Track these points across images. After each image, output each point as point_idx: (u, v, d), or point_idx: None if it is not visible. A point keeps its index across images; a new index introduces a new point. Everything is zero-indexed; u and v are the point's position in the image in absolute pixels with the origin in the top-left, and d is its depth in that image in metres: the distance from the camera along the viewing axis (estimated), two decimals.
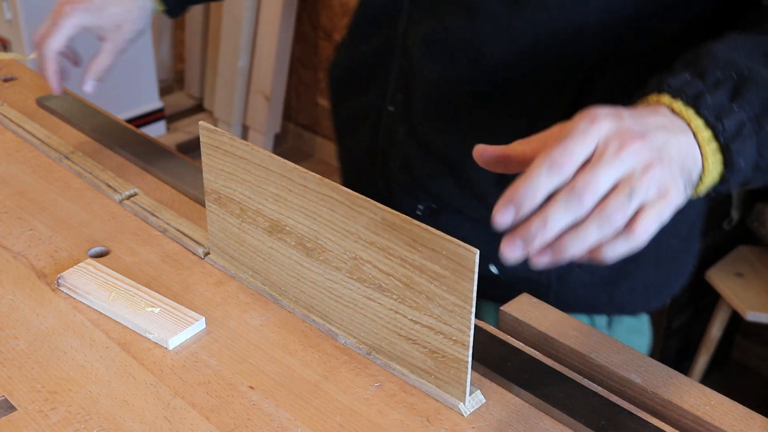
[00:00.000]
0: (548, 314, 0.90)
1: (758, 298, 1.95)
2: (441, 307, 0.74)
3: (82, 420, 0.77)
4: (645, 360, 0.84)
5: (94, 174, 1.11)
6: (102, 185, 1.09)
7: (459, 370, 0.75)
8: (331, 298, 0.84)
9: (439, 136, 0.97)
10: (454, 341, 0.74)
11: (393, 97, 1.00)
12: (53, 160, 1.17)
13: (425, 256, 0.73)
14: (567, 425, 0.77)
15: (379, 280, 0.78)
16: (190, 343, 0.86)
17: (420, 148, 0.99)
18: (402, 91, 0.99)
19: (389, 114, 1.01)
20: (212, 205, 0.93)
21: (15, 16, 2.69)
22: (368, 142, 1.04)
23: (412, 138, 0.99)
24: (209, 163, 0.90)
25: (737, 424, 0.76)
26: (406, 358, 0.80)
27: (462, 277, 0.71)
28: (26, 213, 1.06)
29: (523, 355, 0.84)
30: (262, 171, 0.85)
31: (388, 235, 0.75)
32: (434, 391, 0.78)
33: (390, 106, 1.00)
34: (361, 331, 0.83)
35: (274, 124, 3.38)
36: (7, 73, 1.43)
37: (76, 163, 1.14)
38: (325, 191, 0.79)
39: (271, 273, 0.90)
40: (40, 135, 1.20)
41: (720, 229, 2.06)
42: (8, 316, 0.89)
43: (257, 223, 0.89)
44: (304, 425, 0.77)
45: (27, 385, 0.81)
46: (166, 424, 0.77)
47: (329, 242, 0.82)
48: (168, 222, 1.02)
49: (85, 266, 0.94)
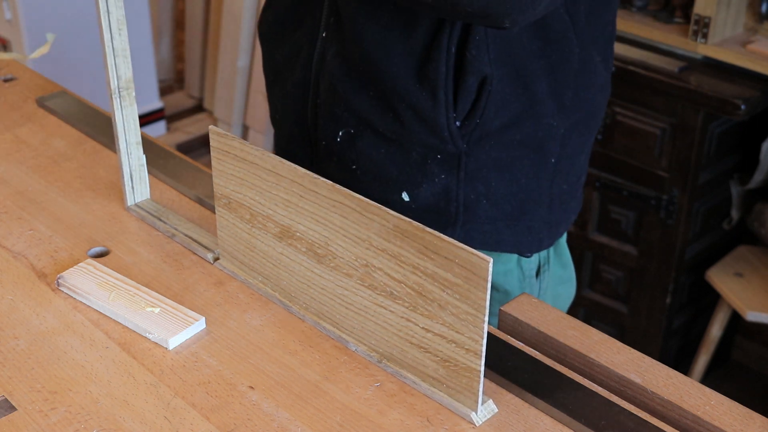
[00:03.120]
0: (548, 314, 0.90)
1: (758, 298, 1.95)
2: (453, 316, 0.73)
3: (82, 420, 0.77)
4: (645, 360, 0.84)
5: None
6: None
7: (471, 379, 0.75)
8: (341, 305, 0.84)
9: (362, 48, 0.99)
10: (466, 350, 0.74)
11: (327, 22, 1.03)
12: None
13: (437, 264, 0.73)
14: (567, 425, 0.77)
15: (390, 287, 0.78)
16: (190, 343, 0.86)
17: (345, 63, 1.02)
18: (335, 15, 1.02)
19: (322, 39, 1.04)
20: (222, 210, 0.93)
21: (15, 16, 2.69)
22: (301, 74, 1.07)
23: (339, 56, 1.02)
24: (219, 168, 0.90)
25: (737, 424, 0.76)
26: (418, 366, 0.79)
27: (475, 286, 0.70)
28: (26, 213, 1.06)
29: (523, 355, 0.84)
30: (273, 176, 0.85)
31: (400, 243, 0.75)
32: (446, 400, 0.78)
33: (324, 32, 1.04)
34: (372, 339, 0.83)
35: None
36: (7, 73, 1.43)
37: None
38: (337, 198, 0.79)
39: (282, 279, 0.90)
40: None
41: (720, 229, 2.06)
42: (8, 316, 0.89)
43: (267, 228, 0.88)
44: (304, 425, 0.77)
45: (27, 385, 0.81)
46: (166, 424, 0.77)
47: (340, 249, 0.81)
48: (176, 227, 1.02)
49: (85, 266, 0.94)
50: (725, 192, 2.03)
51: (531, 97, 0.99)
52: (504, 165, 1.02)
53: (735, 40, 1.87)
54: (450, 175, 1.02)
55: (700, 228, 2.00)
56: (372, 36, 0.98)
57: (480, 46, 0.95)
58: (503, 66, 0.97)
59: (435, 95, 0.97)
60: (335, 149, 1.05)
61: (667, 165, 1.91)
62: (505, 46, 0.96)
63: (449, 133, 0.99)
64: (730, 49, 1.83)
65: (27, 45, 2.70)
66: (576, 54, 1.01)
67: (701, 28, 1.85)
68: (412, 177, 1.03)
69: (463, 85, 0.97)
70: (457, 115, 0.98)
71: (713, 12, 1.82)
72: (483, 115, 0.98)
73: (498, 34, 0.96)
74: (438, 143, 1.00)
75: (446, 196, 1.03)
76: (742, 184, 2.02)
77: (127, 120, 1.02)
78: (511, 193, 1.04)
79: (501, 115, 0.99)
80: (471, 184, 1.03)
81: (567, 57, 1.00)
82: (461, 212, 1.04)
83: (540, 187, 1.06)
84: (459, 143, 0.99)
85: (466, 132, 0.99)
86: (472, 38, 0.95)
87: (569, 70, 1.01)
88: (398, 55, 0.98)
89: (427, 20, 0.96)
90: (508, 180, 1.03)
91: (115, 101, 1.00)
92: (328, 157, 1.07)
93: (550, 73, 1.00)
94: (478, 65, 0.96)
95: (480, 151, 1.01)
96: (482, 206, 1.04)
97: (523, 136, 1.01)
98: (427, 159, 1.01)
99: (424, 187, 1.03)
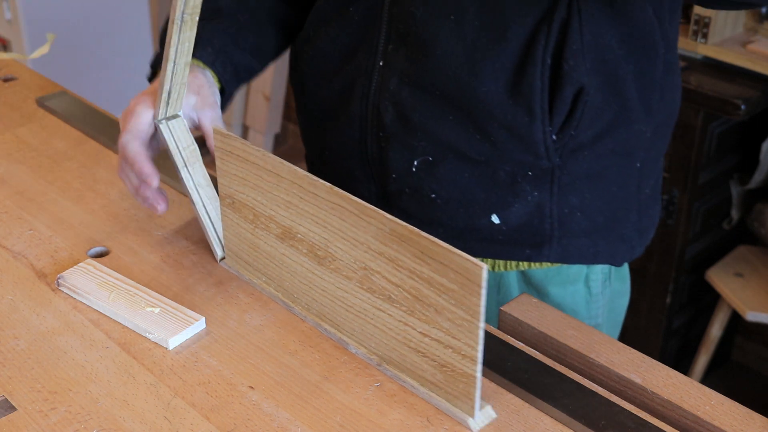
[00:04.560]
0: (548, 314, 0.90)
1: (758, 298, 1.95)
2: (450, 321, 0.73)
3: (82, 420, 0.77)
4: (645, 360, 0.84)
5: None
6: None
7: (468, 385, 0.75)
8: (342, 307, 0.84)
9: (445, 71, 0.94)
10: (463, 356, 0.74)
11: (384, 51, 0.99)
12: (50, 159, 1.17)
13: (433, 269, 0.73)
14: (567, 425, 0.77)
15: (388, 291, 0.78)
16: (190, 343, 0.86)
17: (418, 90, 0.97)
18: (393, 42, 0.98)
19: (380, 69, 0.99)
20: (227, 210, 0.93)
21: (15, 16, 2.69)
22: (357, 108, 1.02)
23: (408, 84, 0.98)
24: (223, 168, 0.90)
25: (737, 424, 0.76)
26: (416, 370, 0.79)
27: (470, 292, 0.70)
28: (26, 213, 1.06)
29: (523, 355, 0.84)
30: (274, 177, 0.85)
31: (397, 246, 0.75)
32: (444, 405, 0.78)
33: (381, 61, 0.99)
34: (371, 342, 0.83)
35: (274, 124, 3.38)
36: (7, 73, 1.43)
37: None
38: (335, 200, 0.79)
39: (284, 280, 0.90)
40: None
41: (720, 229, 2.06)
42: (8, 316, 0.89)
43: (270, 229, 0.88)
44: (304, 425, 0.77)
45: (27, 385, 0.81)
46: (166, 424, 0.77)
47: (339, 251, 0.81)
48: (205, 204, 0.97)
49: (85, 266, 0.94)
50: (725, 192, 2.03)
51: (622, 103, 0.96)
52: (595, 175, 0.99)
53: (735, 40, 1.87)
54: (542, 192, 0.98)
55: (700, 228, 2.00)
56: (457, 57, 0.94)
57: (577, 56, 0.92)
58: (597, 74, 0.94)
59: (531, 110, 0.93)
60: (409, 181, 1.01)
61: (667, 165, 1.91)
62: (599, 53, 0.93)
63: (545, 148, 0.95)
64: (730, 49, 1.83)
65: (27, 45, 2.70)
66: (661, 56, 0.98)
67: (701, 28, 1.85)
68: (501, 198, 0.99)
69: (559, 97, 0.93)
70: (552, 128, 0.95)
71: (713, 12, 1.82)
72: (578, 127, 0.95)
73: (593, 41, 0.92)
74: (531, 159, 0.96)
75: (540, 213, 0.99)
76: (742, 184, 2.02)
77: (182, 43, 0.89)
78: (603, 203, 1.01)
79: (594, 125, 0.96)
80: (564, 198, 0.99)
81: (653, 59, 0.97)
82: (556, 228, 1.00)
83: (629, 194, 1.03)
84: (553, 157, 0.96)
85: (560, 145, 0.96)
86: (569, 48, 0.92)
87: (656, 73, 0.98)
88: (488, 73, 0.93)
89: (519, 33, 0.92)
90: (600, 190, 1.00)
91: (175, 25, 0.86)
92: (400, 191, 1.02)
93: (639, 78, 0.97)
94: (575, 75, 0.92)
95: (573, 164, 0.98)
96: (576, 219, 1.01)
97: (614, 144, 0.98)
98: (517, 177, 0.98)
99: (515, 207, 0.99)
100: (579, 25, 0.91)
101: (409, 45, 0.97)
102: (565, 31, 0.92)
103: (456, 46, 0.94)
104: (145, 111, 0.94)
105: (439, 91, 0.96)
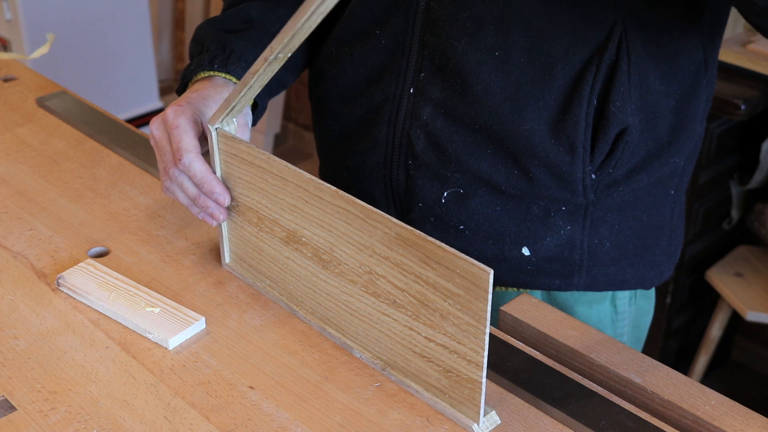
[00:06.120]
0: (548, 314, 0.90)
1: (758, 298, 1.94)
2: (455, 326, 0.73)
3: (82, 420, 0.77)
4: (645, 360, 0.84)
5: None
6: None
7: (473, 390, 0.74)
8: (346, 312, 0.84)
9: (486, 106, 0.93)
10: (468, 361, 0.73)
11: (416, 78, 0.97)
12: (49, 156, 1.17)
13: (439, 273, 0.72)
14: (567, 425, 0.77)
15: (393, 295, 0.78)
16: (190, 343, 0.86)
17: (454, 122, 0.95)
18: (426, 70, 0.96)
19: (411, 96, 0.97)
20: (231, 213, 0.93)
21: (15, 16, 2.69)
22: (384, 134, 1.00)
23: (443, 115, 0.95)
24: (227, 171, 0.90)
25: (737, 424, 0.76)
26: (421, 375, 0.79)
27: (476, 297, 0.70)
28: (26, 213, 1.06)
29: (523, 355, 0.84)
30: (279, 180, 0.84)
31: (403, 251, 0.75)
32: (448, 411, 0.77)
33: (412, 88, 0.97)
34: (376, 346, 0.82)
35: (274, 124, 3.38)
36: (7, 73, 1.43)
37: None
38: (341, 204, 0.79)
39: (288, 283, 0.90)
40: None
41: (720, 229, 2.06)
42: (8, 316, 0.89)
43: (274, 232, 0.88)
44: (304, 425, 0.77)
45: (27, 385, 0.81)
46: (166, 424, 0.77)
47: (344, 255, 0.81)
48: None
49: (85, 266, 0.94)
50: (725, 192, 2.03)
51: (658, 138, 0.95)
52: (627, 206, 0.99)
53: (735, 40, 1.87)
54: (575, 226, 0.98)
55: (700, 228, 2.00)
56: (500, 92, 0.92)
57: (624, 97, 0.91)
58: (640, 112, 0.93)
59: (573, 149, 0.92)
60: (437, 211, 1.00)
61: None
62: (644, 92, 0.92)
63: (583, 186, 0.95)
64: (730, 49, 1.83)
65: (27, 45, 2.69)
66: (703, 86, 0.97)
67: None
68: (533, 231, 0.98)
69: (602, 138, 0.92)
70: (592, 167, 0.94)
71: None
72: (616, 165, 0.94)
73: (639, 82, 0.91)
74: (567, 196, 0.96)
75: (570, 245, 0.99)
76: (742, 184, 2.02)
77: (265, 75, 0.84)
78: (633, 232, 1.01)
79: (631, 161, 0.95)
80: (595, 230, 0.99)
81: (696, 91, 0.96)
82: (586, 258, 1.00)
83: (662, 221, 1.03)
84: (589, 194, 0.96)
85: (596, 181, 0.95)
86: (616, 89, 0.90)
87: (696, 106, 0.97)
88: (532, 111, 0.92)
89: (566, 72, 0.91)
90: (632, 219, 1.00)
91: (267, 61, 0.80)
92: (424, 219, 1.01)
93: (678, 113, 0.95)
94: (621, 116, 0.91)
95: (607, 199, 0.98)
96: (605, 249, 1.00)
97: (649, 177, 0.97)
98: (551, 212, 0.97)
99: (547, 240, 0.99)
100: (627, 67, 0.90)
101: (447, 76, 0.95)
102: (613, 73, 0.90)
103: (499, 82, 0.92)
104: (191, 127, 0.91)
105: (479, 125, 0.94)
